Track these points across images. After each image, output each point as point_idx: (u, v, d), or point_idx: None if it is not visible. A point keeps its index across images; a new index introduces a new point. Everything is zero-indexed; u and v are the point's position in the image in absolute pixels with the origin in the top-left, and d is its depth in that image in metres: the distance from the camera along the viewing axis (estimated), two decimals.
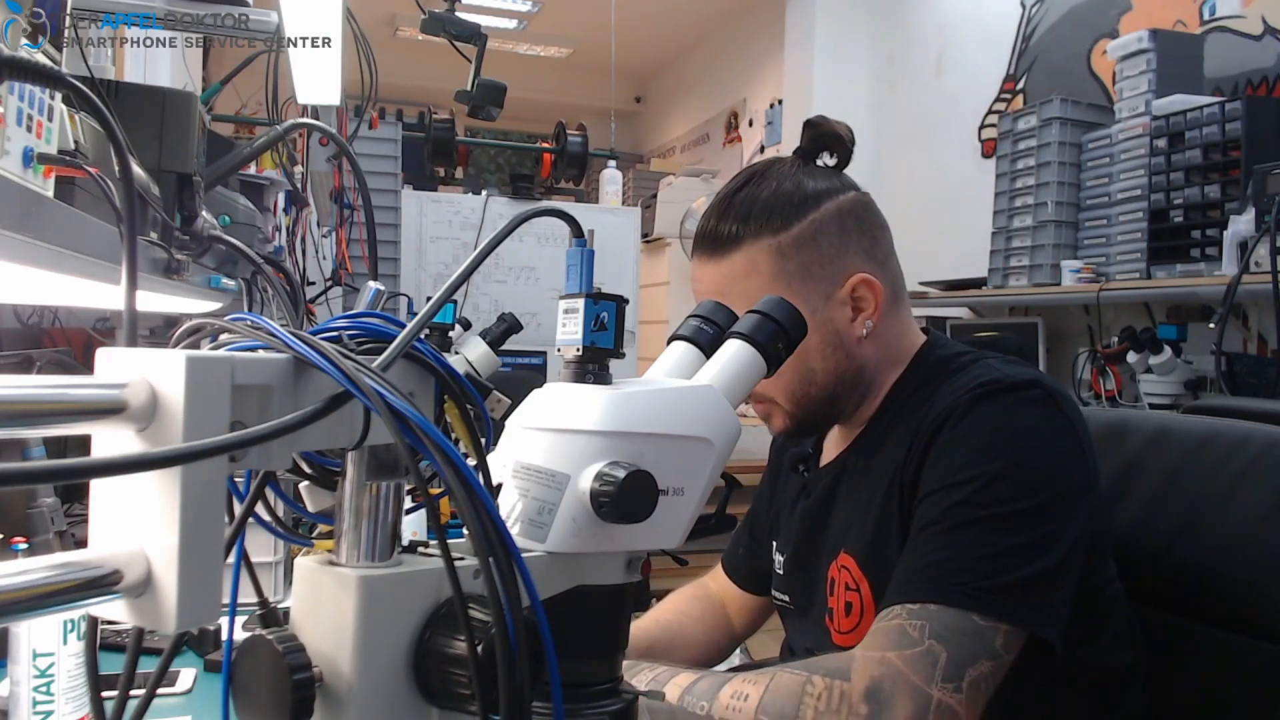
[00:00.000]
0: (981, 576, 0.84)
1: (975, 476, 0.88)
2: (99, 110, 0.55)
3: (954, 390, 0.94)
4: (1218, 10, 2.89)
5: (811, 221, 1.01)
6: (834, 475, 1.08)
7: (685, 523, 0.59)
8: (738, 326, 0.66)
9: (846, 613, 0.99)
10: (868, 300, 1.02)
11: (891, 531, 0.95)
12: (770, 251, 1.00)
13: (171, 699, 1.12)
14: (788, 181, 1.03)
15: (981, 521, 0.86)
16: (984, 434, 0.90)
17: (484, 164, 8.06)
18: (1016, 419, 0.91)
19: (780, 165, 1.05)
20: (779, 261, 1.00)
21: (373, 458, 0.51)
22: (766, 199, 1.01)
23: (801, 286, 1.00)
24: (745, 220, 1.01)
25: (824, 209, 1.01)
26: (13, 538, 1.16)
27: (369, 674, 0.48)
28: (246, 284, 1.46)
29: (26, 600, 0.37)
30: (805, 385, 1.03)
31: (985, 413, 0.91)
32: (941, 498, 0.89)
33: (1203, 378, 2.60)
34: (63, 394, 0.39)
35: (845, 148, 1.07)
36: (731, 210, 1.02)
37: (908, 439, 0.96)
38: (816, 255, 1.01)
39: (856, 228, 1.03)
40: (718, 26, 6.45)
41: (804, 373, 1.02)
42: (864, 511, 1.00)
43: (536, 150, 4.08)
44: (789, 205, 1.01)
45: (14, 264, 0.70)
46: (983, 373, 0.95)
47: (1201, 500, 1.05)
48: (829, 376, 1.02)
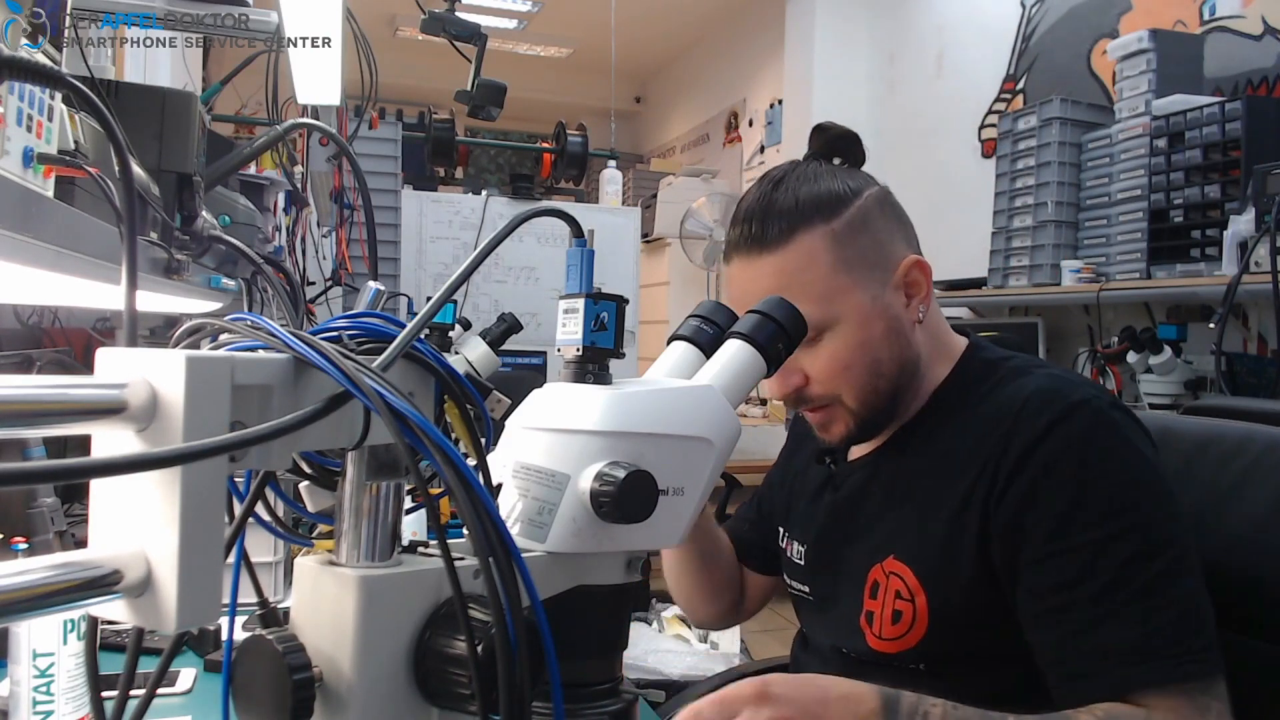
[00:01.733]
0: (1188, 637, 0.83)
1: (1132, 526, 0.85)
2: (99, 110, 0.55)
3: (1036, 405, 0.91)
4: (1218, 10, 2.89)
5: (859, 208, 1.00)
6: (868, 471, 1.06)
7: (685, 523, 0.59)
8: (738, 326, 0.66)
9: (894, 620, 0.97)
10: (920, 284, 1.01)
11: (964, 550, 0.92)
12: (827, 238, 0.98)
13: (171, 699, 1.12)
14: (824, 178, 1.01)
15: (1164, 575, 0.84)
16: (1118, 474, 0.87)
17: (484, 164, 8.06)
18: (1134, 451, 0.89)
19: (804, 167, 1.04)
20: (837, 248, 0.98)
21: (373, 458, 0.51)
22: (808, 192, 0.99)
23: (862, 273, 0.98)
24: (793, 212, 0.98)
25: (867, 196, 1.01)
26: (13, 538, 1.16)
27: (369, 674, 0.48)
28: (246, 284, 1.46)
29: (26, 600, 0.37)
30: (874, 378, 1.00)
31: (1107, 449, 0.88)
32: (1102, 550, 0.85)
33: (1203, 378, 2.60)
34: (63, 394, 0.39)
35: (859, 150, 1.06)
36: (775, 208, 0.99)
37: (982, 451, 0.93)
38: (871, 240, 0.99)
39: (895, 215, 1.03)
40: (718, 26, 6.45)
41: (871, 364, 0.99)
42: (921, 519, 0.97)
43: (536, 150, 4.08)
44: (832, 195, 1.00)
45: (14, 264, 0.70)
46: (1060, 390, 0.92)
47: (1203, 501, 1.05)
48: (894, 366, 1.00)
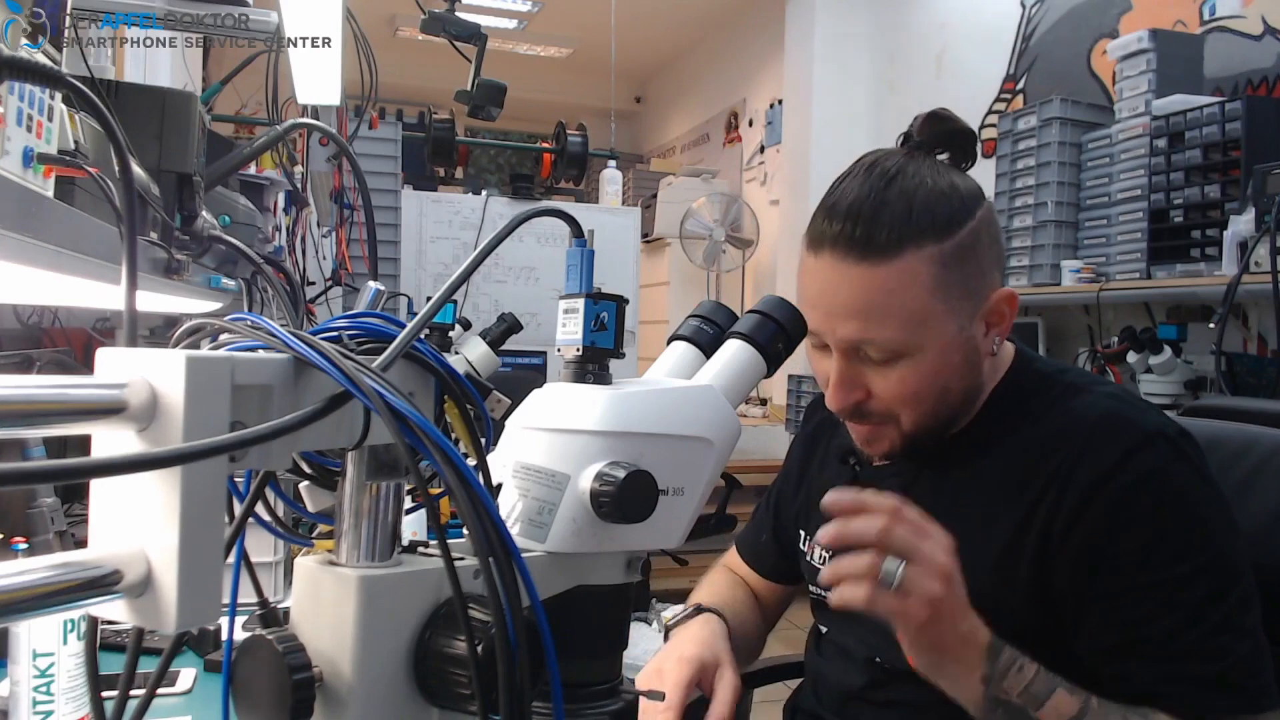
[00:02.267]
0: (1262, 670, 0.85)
1: (1205, 566, 0.85)
2: (99, 110, 0.55)
3: (1102, 431, 0.89)
4: (1218, 10, 2.89)
5: (971, 230, 0.90)
6: (906, 480, 1.01)
7: (685, 523, 0.59)
8: (738, 326, 0.66)
9: None
10: (1005, 316, 0.94)
11: (1019, 572, 0.91)
12: (934, 262, 0.88)
13: (171, 699, 1.12)
14: (942, 179, 0.91)
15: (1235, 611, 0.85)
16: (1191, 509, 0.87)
17: (484, 164, 8.06)
18: (1209, 483, 0.88)
19: (918, 162, 0.93)
20: (941, 273, 0.89)
21: (373, 458, 0.51)
22: (926, 198, 0.89)
23: (958, 302, 0.91)
24: (907, 220, 0.88)
25: (979, 217, 0.92)
26: (13, 538, 1.16)
27: (369, 674, 0.48)
28: (246, 284, 1.46)
29: (26, 600, 0.37)
30: (938, 406, 0.95)
31: (1185, 482, 0.87)
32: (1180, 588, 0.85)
33: (1203, 378, 2.60)
34: (63, 394, 0.39)
35: (973, 148, 0.98)
36: (886, 212, 0.88)
37: (1042, 474, 0.90)
38: (975, 267, 0.91)
39: (996, 238, 0.95)
40: (718, 26, 6.45)
41: (940, 394, 0.94)
42: (969, 536, 0.91)
43: (536, 150, 4.08)
44: (949, 208, 0.90)
45: (14, 264, 0.70)
46: (1125, 415, 0.90)
47: None
48: (960, 396, 0.96)
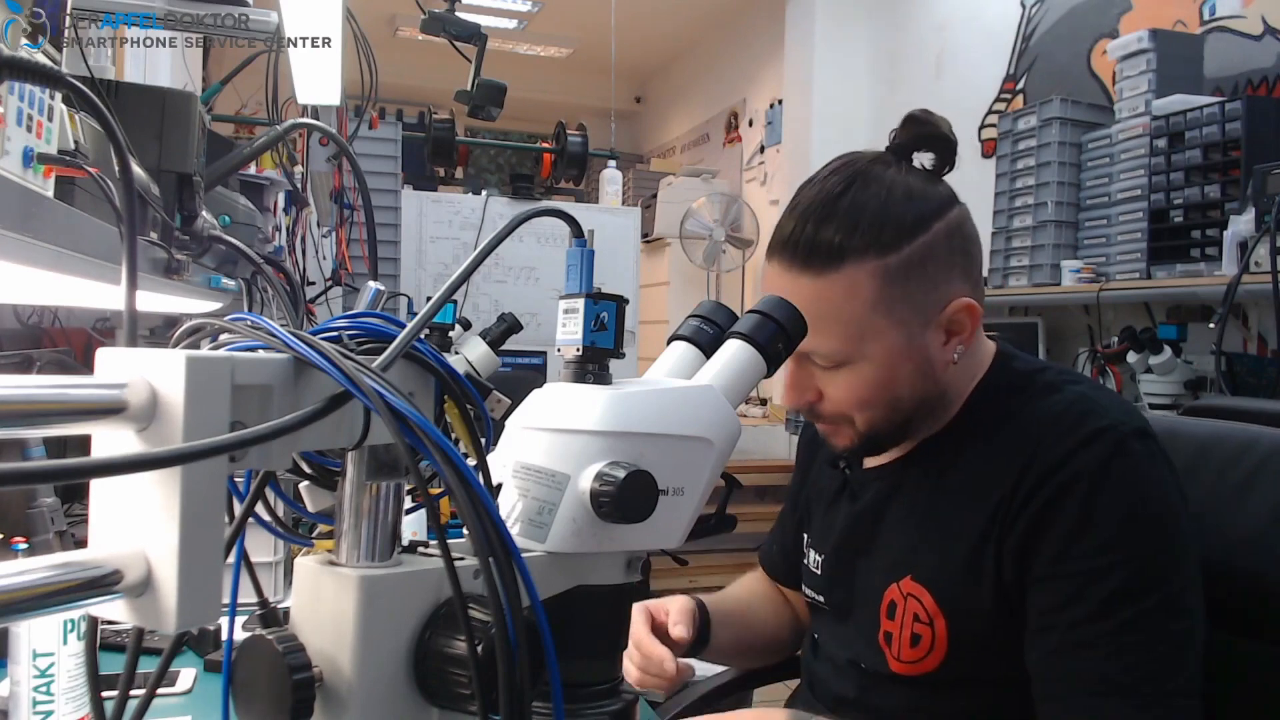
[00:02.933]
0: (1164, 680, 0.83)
1: (1127, 559, 0.84)
2: (99, 110, 0.55)
3: (1060, 428, 0.89)
4: (1218, 10, 2.89)
5: (923, 244, 0.91)
6: (890, 483, 1.03)
7: (685, 523, 0.59)
8: (738, 326, 0.66)
9: (912, 644, 0.95)
10: (965, 325, 0.95)
11: (984, 577, 0.91)
12: (876, 276, 0.90)
13: (171, 699, 1.12)
14: (898, 190, 0.92)
15: (1149, 614, 0.83)
16: (1123, 507, 0.86)
17: (484, 164, 8.06)
18: (1148, 484, 0.87)
19: (881, 169, 0.94)
20: (884, 288, 0.90)
21: (373, 458, 0.51)
22: (876, 211, 0.90)
23: (905, 315, 0.92)
24: (851, 232, 0.90)
25: (935, 230, 0.92)
26: (13, 538, 1.16)
27: (369, 674, 0.48)
28: (246, 284, 1.46)
29: (26, 600, 0.37)
30: (888, 411, 0.96)
31: (1119, 480, 0.86)
32: (1091, 581, 0.85)
33: (1203, 378, 2.60)
34: (63, 394, 0.39)
35: (951, 150, 0.98)
36: (836, 218, 0.90)
37: (1008, 474, 0.90)
38: (922, 282, 0.92)
39: (961, 249, 0.95)
40: (718, 26, 6.45)
41: (889, 401, 0.95)
42: (943, 542, 0.94)
43: (536, 150, 4.08)
44: (900, 223, 0.91)
45: (14, 264, 0.70)
46: (1089, 411, 0.90)
47: (1207, 504, 1.05)
48: (914, 403, 0.96)
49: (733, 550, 3.57)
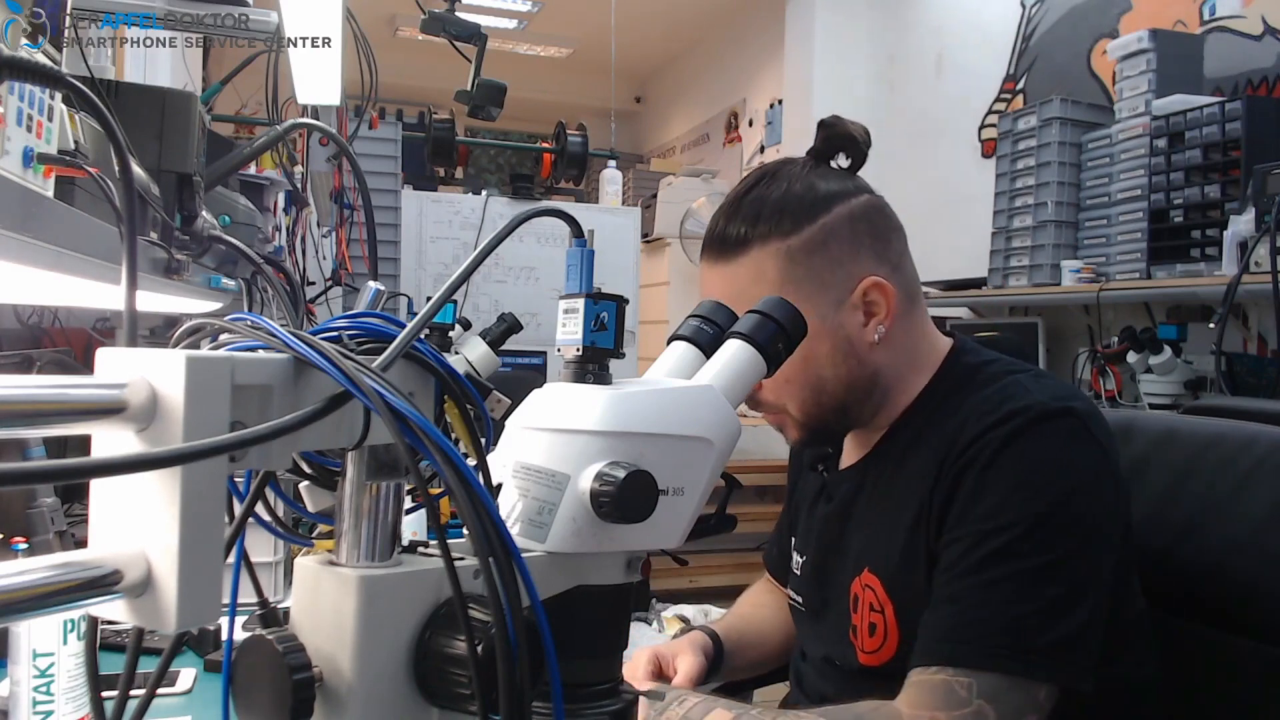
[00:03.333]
0: (1026, 636, 0.83)
1: (1011, 523, 0.85)
2: (99, 110, 0.55)
3: (982, 412, 0.91)
4: (1218, 10, 2.89)
5: (823, 225, 0.98)
6: (856, 483, 1.06)
7: (685, 523, 0.59)
8: (738, 326, 0.66)
9: (870, 633, 0.98)
10: (880, 304, 0.99)
11: (919, 560, 0.93)
12: (779, 256, 0.97)
13: (171, 699, 1.12)
14: (798, 183, 1.00)
15: (1021, 574, 0.84)
16: (1017, 475, 0.87)
17: (484, 164, 8.06)
18: (1049, 456, 0.88)
19: (791, 166, 1.02)
20: (788, 267, 0.97)
21: (373, 458, 0.51)
22: (776, 200, 0.98)
23: (811, 293, 0.97)
24: (754, 222, 0.98)
25: (835, 212, 0.98)
26: (13, 538, 1.16)
27: (369, 674, 0.48)
28: (246, 284, 1.46)
29: (26, 600, 0.37)
30: (816, 394, 1.00)
31: (1017, 450, 0.88)
32: (975, 544, 0.87)
33: (1203, 378, 2.60)
34: (63, 394, 0.39)
35: (859, 149, 1.04)
36: (740, 212, 0.99)
37: (935, 461, 0.93)
38: (827, 260, 0.98)
39: (869, 230, 1.00)
40: (718, 26, 6.45)
41: (815, 381, 0.99)
42: (890, 531, 0.97)
43: (536, 150, 4.08)
44: (799, 208, 0.98)
45: (14, 264, 0.70)
46: (1013, 395, 0.92)
47: (1206, 502, 1.05)
48: (840, 385, 1.00)
49: (733, 550, 3.57)
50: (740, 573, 3.28)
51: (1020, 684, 0.83)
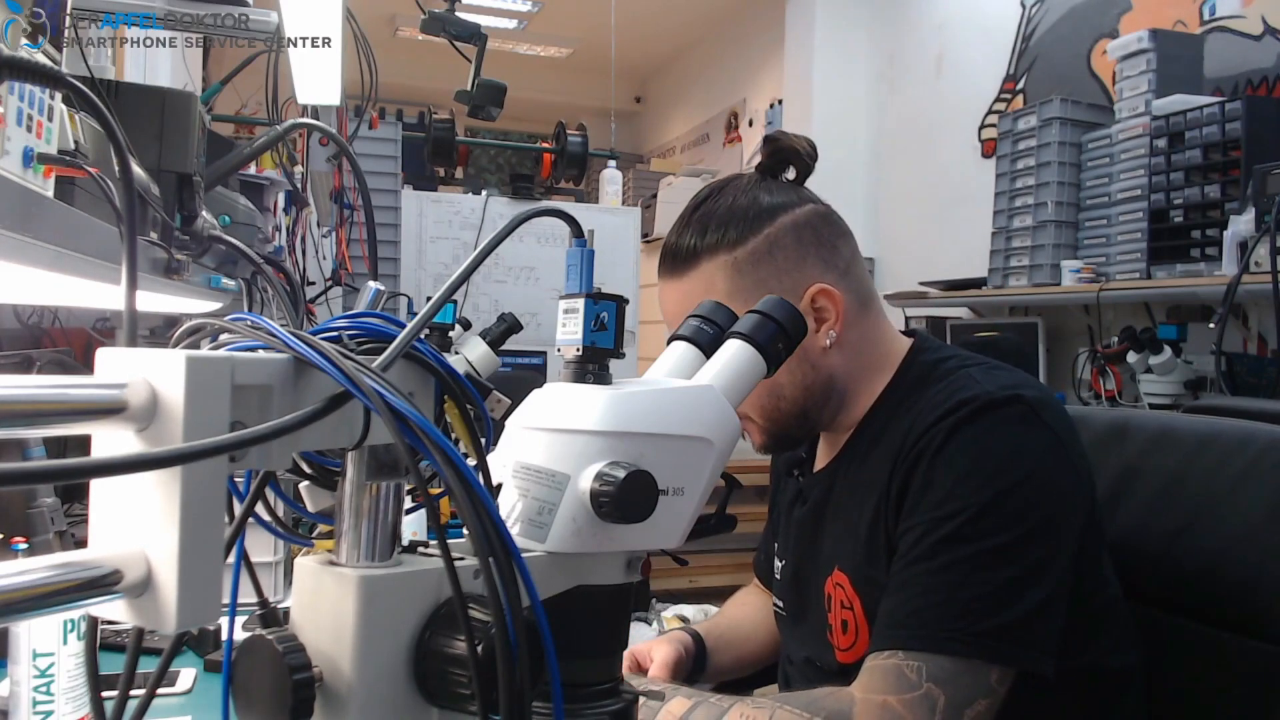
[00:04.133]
0: (976, 619, 0.84)
1: (961, 509, 0.87)
2: (99, 110, 0.55)
3: (933, 405, 0.93)
4: (1218, 10, 2.89)
5: (766, 236, 1.01)
6: (826, 485, 1.08)
7: (685, 523, 0.59)
8: (738, 326, 0.66)
9: (843, 631, 1.00)
10: (828, 310, 1.01)
11: (879, 552, 0.95)
12: (726, 268, 1.00)
13: (171, 699, 1.12)
14: (743, 196, 1.03)
15: (971, 559, 0.86)
16: (966, 462, 0.89)
17: (484, 164, 8.06)
18: (998, 443, 0.90)
19: (738, 180, 1.05)
20: (735, 278, 1.00)
21: (373, 458, 0.51)
22: (722, 214, 1.02)
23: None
24: (702, 235, 1.01)
25: (779, 223, 1.01)
26: (13, 538, 1.16)
27: (369, 674, 0.48)
28: (246, 284, 1.46)
29: (26, 600, 0.37)
30: (774, 400, 1.02)
31: (965, 439, 0.90)
32: (927, 531, 0.88)
33: (1203, 378, 2.60)
34: (63, 394, 0.39)
35: (804, 162, 1.06)
36: (690, 227, 1.03)
37: (891, 456, 0.95)
38: (773, 269, 1.00)
39: (814, 239, 1.02)
40: (718, 26, 6.45)
41: (771, 388, 1.01)
42: (854, 528, 0.99)
43: (536, 150, 4.08)
44: (744, 220, 1.01)
45: (14, 264, 0.70)
46: (961, 387, 0.94)
47: (1203, 500, 1.05)
48: (796, 390, 1.02)
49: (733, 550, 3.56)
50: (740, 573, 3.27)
51: (971, 666, 0.84)
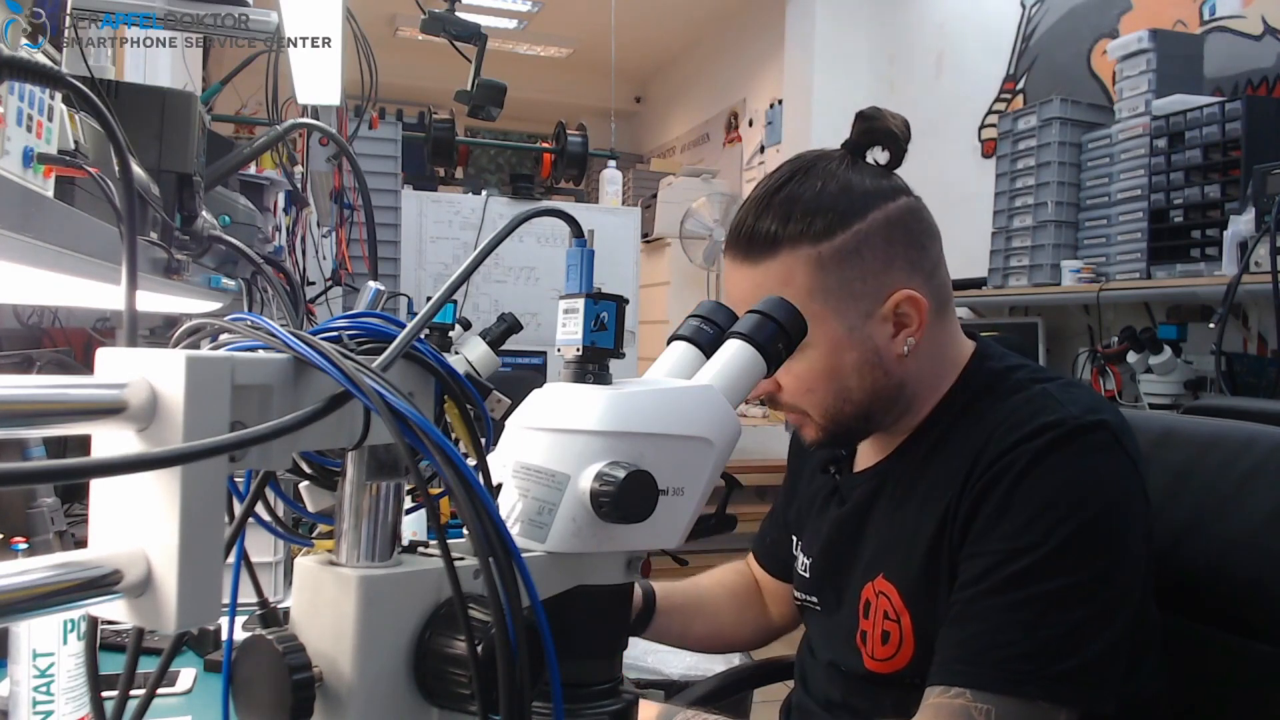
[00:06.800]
0: (1050, 661, 0.81)
1: (1041, 542, 0.83)
2: (99, 110, 0.55)
3: (1013, 423, 0.88)
4: (1218, 10, 2.89)
5: (856, 232, 0.92)
6: (873, 486, 1.03)
7: (685, 523, 0.59)
8: (738, 326, 0.66)
9: (883, 641, 0.96)
10: (911, 317, 0.95)
11: (941, 571, 0.91)
12: (809, 262, 0.92)
13: (171, 699, 1.12)
14: (834, 182, 0.94)
15: (1046, 596, 0.82)
16: (1050, 492, 0.84)
17: (484, 164, 8.06)
18: (1085, 473, 0.85)
19: (827, 162, 0.96)
20: (817, 274, 0.92)
21: (373, 458, 0.51)
22: (809, 200, 0.93)
23: (840, 303, 0.93)
24: (785, 222, 0.93)
25: (871, 219, 0.93)
26: (13, 538, 1.16)
27: (369, 674, 0.48)
28: (246, 284, 1.46)
29: (26, 600, 0.37)
30: (840, 403, 0.97)
31: (1050, 467, 0.85)
32: (1002, 561, 0.84)
33: (1203, 378, 2.60)
34: (63, 394, 0.39)
35: (899, 145, 0.98)
36: (772, 209, 0.94)
37: (962, 470, 0.90)
38: (859, 270, 0.93)
39: (904, 238, 0.95)
40: (718, 26, 6.45)
41: (839, 390, 0.96)
42: (909, 538, 0.95)
43: (536, 150, 4.08)
44: (833, 211, 0.92)
45: (14, 264, 0.70)
46: (1043, 408, 0.89)
47: (1206, 502, 1.05)
48: (865, 394, 0.96)
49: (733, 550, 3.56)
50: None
51: (1041, 709, 0.81)
